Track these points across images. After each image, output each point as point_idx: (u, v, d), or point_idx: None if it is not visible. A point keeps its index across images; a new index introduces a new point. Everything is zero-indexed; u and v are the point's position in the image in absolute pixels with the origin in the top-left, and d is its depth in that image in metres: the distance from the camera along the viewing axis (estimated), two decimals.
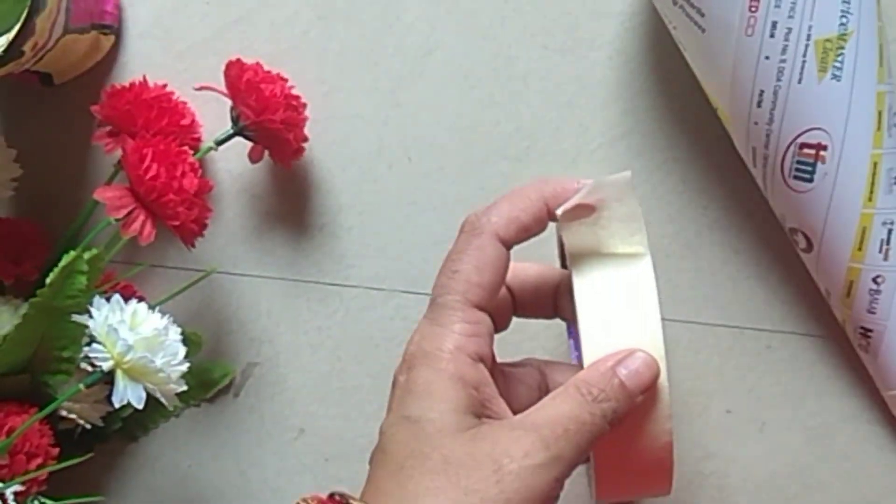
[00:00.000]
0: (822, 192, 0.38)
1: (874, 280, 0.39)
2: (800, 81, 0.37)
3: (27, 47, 0.40)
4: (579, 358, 0.33)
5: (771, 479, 0.44)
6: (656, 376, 0.32)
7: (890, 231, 0.38)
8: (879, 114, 0.37)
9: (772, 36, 0.36)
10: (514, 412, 0.32)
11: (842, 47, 0.36)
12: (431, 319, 0.32)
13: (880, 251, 0.38)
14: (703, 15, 0.37)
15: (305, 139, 0.44)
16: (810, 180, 0.38)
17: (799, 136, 0.37)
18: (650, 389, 0.32)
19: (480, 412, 0.31)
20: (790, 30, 0.36)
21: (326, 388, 0.47)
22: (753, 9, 0.36)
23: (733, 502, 0.44)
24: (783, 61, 0.36)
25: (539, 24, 0.45)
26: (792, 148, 0.38)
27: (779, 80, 0.37)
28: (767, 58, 0.36)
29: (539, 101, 0.45)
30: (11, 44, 0.39)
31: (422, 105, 0.46)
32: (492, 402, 0.31)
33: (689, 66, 0.41)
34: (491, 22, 0.45)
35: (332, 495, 0.31)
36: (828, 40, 0.36)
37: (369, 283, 0.46)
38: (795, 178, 0.38)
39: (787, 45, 0.36)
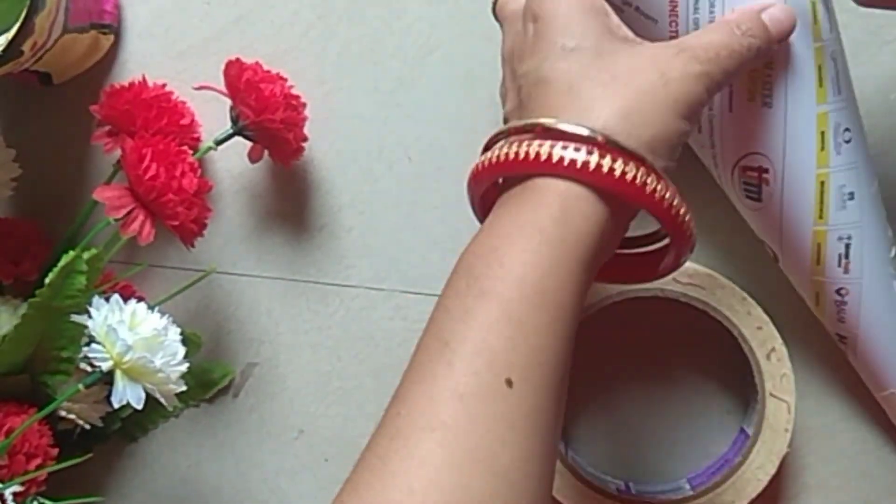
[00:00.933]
0: (772, 210, 0.38)
1: (837, 292, 0.39)
2: (731, 109, 0.37)
3: (26, 47, 0.40)
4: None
5: (770, 478, 0.44)
6: (794, 26, 0.35)
7: (847, 245, 0.38)
8: (822, 134, 0.37)
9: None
10: None
11: (768, 75, 0.36)
12: None
13: (839, 265, 0.38)
14: (655, 21, 0.37)
15: (305, 139, 0.44)
16: (759, 199, 0.38)
17: (740, 160, 0.38)
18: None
19: (619, 35, 0.34)
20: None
21: (326, 388, 0.47)
22: (673, 34, 0.36)
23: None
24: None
25: None
26: (736, 171, 0.38)
27: (710, 108, 0.37)
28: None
29: None
30: (11, 43, 0.39)
31: (422, 105, 0.45)
32: (624, 29, 0.34)
33: None
34: (491, 22, 0.45)
35: (509, 129, 0.33)
36: (753, 70, 0.36)
37: (369, 283, 0.46)
38: (747, 197, 0.39)
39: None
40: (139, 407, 0.39)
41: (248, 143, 0.44)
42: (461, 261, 0.32)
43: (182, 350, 0.40)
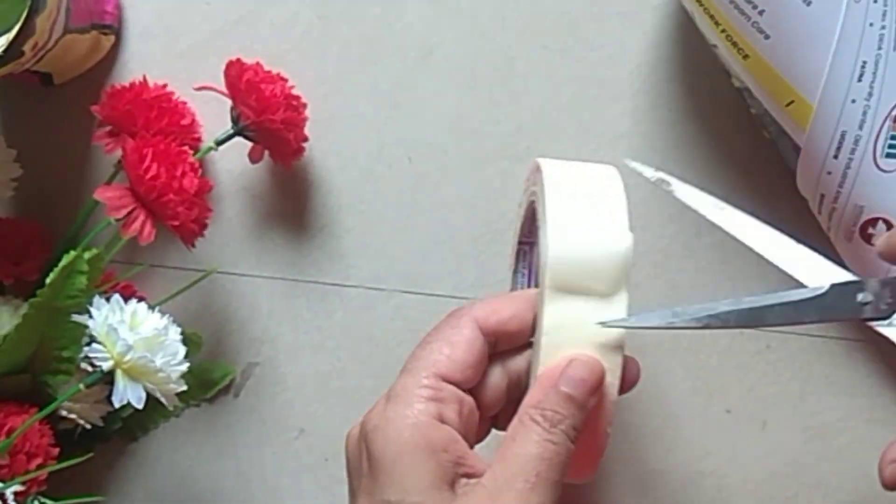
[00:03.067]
0: None
1: None
2: (894, 48, 0.36)
3: (27, 47, 0.40)
4: (529, 278, 0.34)
5: (770, 478, 0.44)
6: (601, 377, 0.31)
7: None
8: None
9: (875, 0, 0.35)
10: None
11: None
12: (391, 392, 0.31)
13: None
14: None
15: (305, 139, 0.44)
16: None
17: (894, 108, 0.36)
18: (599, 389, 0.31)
19: (456, 474, 0.30)
20: None
21: (326, 388, 0.47)
22: None
23: (733, 502, 0.44)
24: (883, 28, 0.35)
25: (539, 24, 0.45)
26: (888, 123, 0.37)
27: (880, 47, 0.36)
28: (871, 24, 0.35)
29: (539, 101, 0.45)
30: (12, 43, 0.39)
31: (422, 105, 0.46)
32: (465, 459, 0.30)
33: (687, 66, 0.41)
34: (491, 22, 0.45)
35: None
36: None
37: (369, 283, 0.46)
38: (888, 156, 0.37)
39: (886, 10, 0.35)
40: (140, 407, 0.39)
41: (249, 144, 0.44)
42: None
43: (183, 350, 0.40)
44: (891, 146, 0.37)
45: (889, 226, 0.38)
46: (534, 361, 0.33)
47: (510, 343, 0.33)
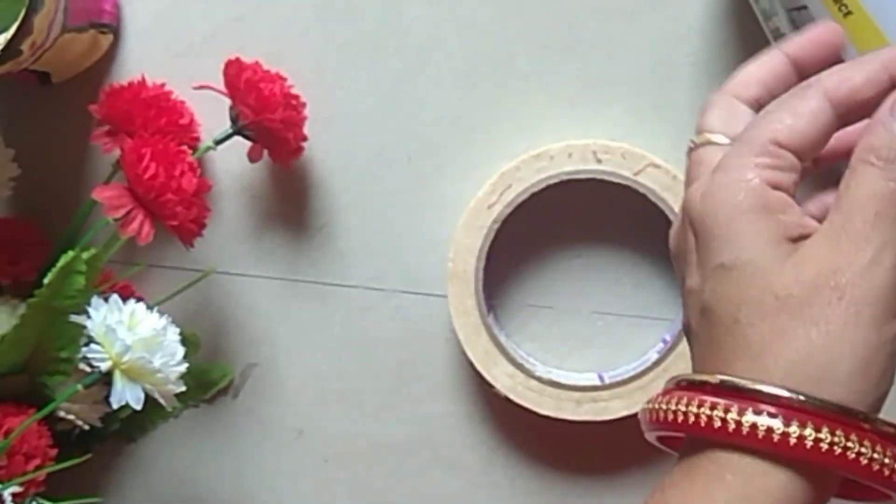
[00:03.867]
0: None
1: None
2: None
3: (25, 46, 0.40)
4: None
5: None
6: None
7: None
8: None
9: None
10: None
11: None
12: (723, 160, 0.28)
13: None
14: None
15: (305, 138, 0.44)
16: None
17: None
18: None
19: (794, 235, 0.28)
20: None
21: (326, 388, 0.47)
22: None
23: None
24: None
25: (539, 24, 0.45)
26: None
27: None
28: None
29: (539, 101, 0.45)
30: (9, 43, 0.39)
31: (422, 105, 0.45)
32: (803, 221, 0.28)
33: (689, 67, 0.41)
34: (491, 21, 0.45)
35: (679, 383, 0.28)
36: None
37: (369, 283, 0.46)
38: None
39: None
40: (138, 407, 0.39)
41: (248, 143, 0.44)
42: None
43: (181, 350, 0.40)
44: None
45: None
46: None
47: (862, 114, 0.29)
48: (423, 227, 0.46)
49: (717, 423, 0.26)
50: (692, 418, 0.26)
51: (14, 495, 0.39)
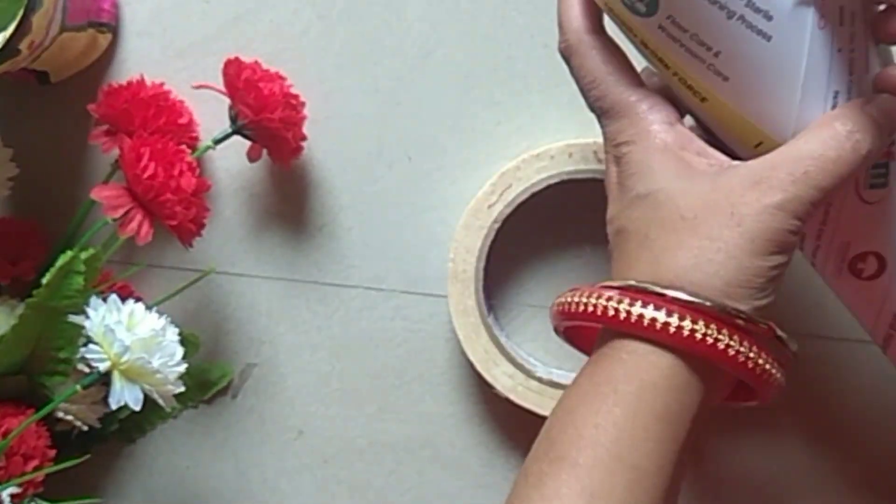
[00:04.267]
0: None
1: None
2: (867, 71, 0.33)
3: (24, 45, 0.40)
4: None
5: (772, 479, 0.44)
6: None
7: None
8: None
9: (841, 24, 0.32)
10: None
11: None
12: (617, 115, 0.33)
13: None
14: (770, 18, 0.31)
15: (304, 138, 0.44)
16: (884, 185, 0.34)
17: None
18: None
19: (699, 166, 0.32)
20: (854, 14, 0.32)
21: (326, 388, 0.47)
22: None
23: (733, 502, 0.44)
24: (853, 51, 0.32)
25: (539, 24, 0.45)
26: None
27: (851, 73, 0.32)
28: (840, 50, 0.32)
29: (539, 101, 0.45)
30: (8, 42, 0.39)
31: (422, 105, 0.45)
32: (705, 153, 0.32)
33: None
34: (491, 22, 0.45)
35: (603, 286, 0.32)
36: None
37: (369, 283, 0.46)
38: (871, 186, 0.34)
39: (854, 32, 0.32)
40: (137, 408, 0.39)
41: (247, 143, 0.44)
42: (546, 422, 0.32)
43: (180, 351, 0.40)
44: (875, 176, 0.35)
45: (880, 260, 0.36)
46: None
47: None
48: (423, 227, 0.46)
49: (611, 312, 0.30)
50: (591, 308, 0.31)
51: (13, 496, 0.39)
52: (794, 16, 0.32)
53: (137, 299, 0.41)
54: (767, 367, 0.31)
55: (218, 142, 0.43)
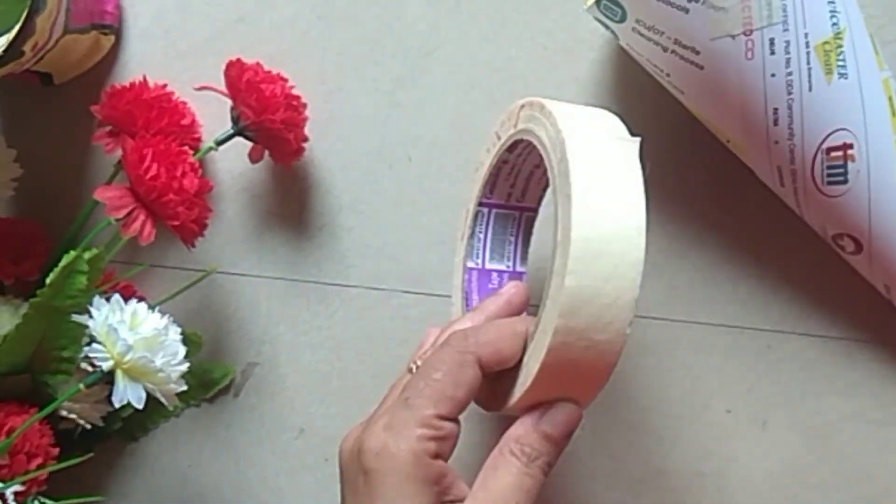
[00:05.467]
0: (860, 189, 0.38)
1: None
2: (810, 89, 0.37)
3: (27, 47, 0.40)
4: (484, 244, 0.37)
5: (770, 478, 0.44)
6: (578, 421, 0.34)
7: None
8: (890, 99, 0.38)
9: (772, 53, 0.36)
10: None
11: (840, 45, 0.36)
12: (395, 419, 0.33)
13: None
14: (698, 53, 0.37)
15: (305, 139, 0.44)
16: (844, 181, 0.38)
17: (823, 141, 0.37)
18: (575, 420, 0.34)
19: (443, 502, 0.33)
20: (788, 43, 0.36)
21: (326, 388, 0.47)
22: (748, 32, 0.36)
23: (733, 502, 0.44)
24: (790, 74, 0.36)
25: (539, 24, 0.45)
26: (819, 155, 0.38)
27: (790, 93, 0.37)
28: (773, 75, 0.36)
29: None
30: (12, 44, 0.39)
31: (422, 105, 0.46)
32: (452, 489, 0.33)
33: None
34: (491, 22, 0.45)
35: None
36: (826, 42, 0.36)
37: (369, 283, 0.46)
38: (829, 183, 0.38)
39: (789, 58, 0.36)
40: (140, 407, 0.39)
41: (249, 144, 0.44)
42: None
43: (183, 350, 0.40)
44: (830, 175, 0.38)
45: (856, 241, 0.39)
46: (532, 356, 0.33)
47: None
48: (422, 227, 0.46)
49: None
50: None
51: (16, 494, 0.39)
52: (719, 50, 0.36)
53: (140, 299, 0.41)
54: None
55: (220, 143, 0.44)
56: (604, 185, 0.32)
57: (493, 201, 0.40)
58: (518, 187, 0.41)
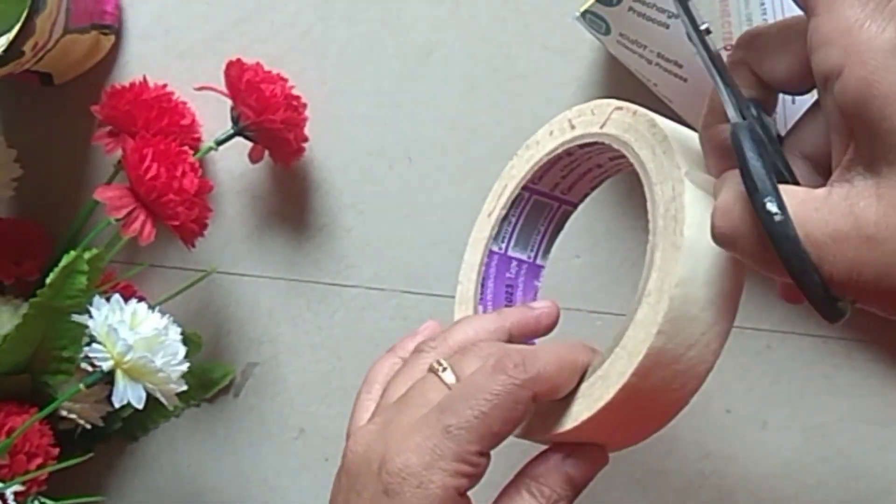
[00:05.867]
0: None
1: None
2: (793, 101, 0.36)
3: (27, 47, 0.40)
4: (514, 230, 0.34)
5: (770, 478, 0.44)
6: (602, 467, 0.32)
7: None
8: None
9: None
10: None
11: None
12: (431, 444, 0.30)
13: None
14: (681, 66, 0.37)
15: (305, 139, 0.44)
16: None
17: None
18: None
19: None
20: None
21: (326, 388, 0.47)
22: (729, 47, 0.36)
23: (733, 502, 0.44)
24: None
25: (539, 24, 0.45)
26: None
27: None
28: None
29: (539, 101, 0.45)
30: (12, 44, 0.39)
31: (422, 105, 0.45)
32: None
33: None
34: (491, 22, 0.45)
35: None
36: None
37: (369, 283, 0.46)
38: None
39: None
40: (140, 406, 0.39)
41: (249, 144, 0.44)
42: None
43: (183, 350, 0.40)
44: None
45: None
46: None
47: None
48: (423, 227, 0.46)
49: None
50: None
51: (16, 494, 0.39)
52: (701, 64, 0.34)
53: (140, 299, 0.41)
54: None
55: (220, 143, 0.44)
56: (712, 243, 0.27)
57: (538, 188, 0.37)
58: (568, 180, 0.38)
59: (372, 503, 0.30)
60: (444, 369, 0.32)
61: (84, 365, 0.40)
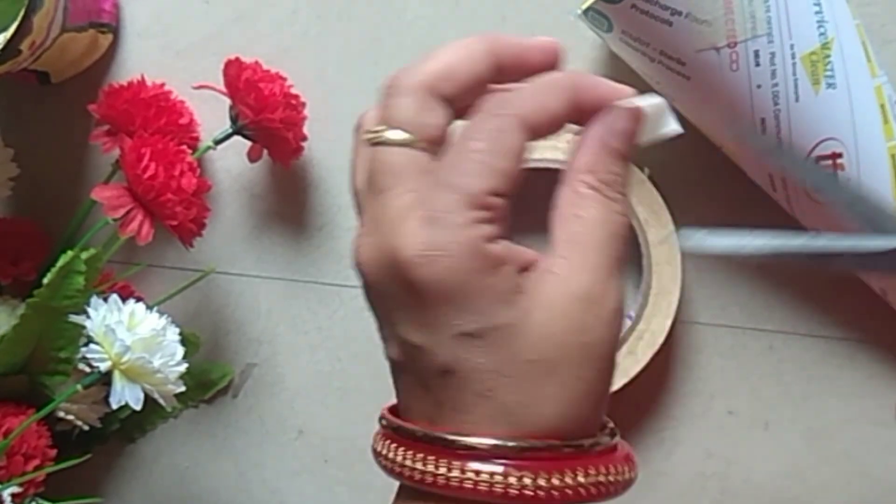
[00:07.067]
0: None
1: None
2: (797, 100, 0.37)
3: (24, 46, 0.40)
4: None
5: (773, 479, 0.44)
6: (641, 120, 0.28)
7: None
8: (882, 107, 0.37)
9: (757, 65, 0.36)
10: None
11: (828, 56, 0.36)
12: (434, 207, 0.26)
13: None
14: (683, 64, 0.37)
15: (305, 138, 0.44)
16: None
17: (812, 151, 0.37)
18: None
19: (517, 283, 0.26)
20: (773, 54, 0.36)
21: (326, 388, 0.47)
22: (732, 44, 0.36)
23: (734, 503, 0.44)
24: (776, 85, 0.36)
25: (540, 22, 0.45)
26: (808, 163, 0.37)
27: (776, 104, 0.37)
28: (759, 86, 0.36)
29: None
30: (9, 42, 0.39)
31: None
32: (519, 258, 0.27)
33: None
34: (491, 22, 0.45)
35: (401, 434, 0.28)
36: (813, 53, 0.36)
37: None
38: (817, 190, 0.38)
39: (774, 69, 0.36)
40: (138, 408, 0.39)
41: (248, 143, 0.44)
42: None
43: (181, 350, 0.40)
44: (817, 182, 0.37)
45: None
46: None
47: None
48: None
49: (429, 479, 0.26)
50: (407, 472, 0.27)
51: (13, 496, 0.39)
52: (704, 62, 0.36)
53: (138, 299, 0.41)
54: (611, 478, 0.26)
55: (218, 142, 0.43)
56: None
57: None
58: None
59: (406, 308, 0.27)
60: (385, 129, 0.28)
61: (81, 366, 0.40)
